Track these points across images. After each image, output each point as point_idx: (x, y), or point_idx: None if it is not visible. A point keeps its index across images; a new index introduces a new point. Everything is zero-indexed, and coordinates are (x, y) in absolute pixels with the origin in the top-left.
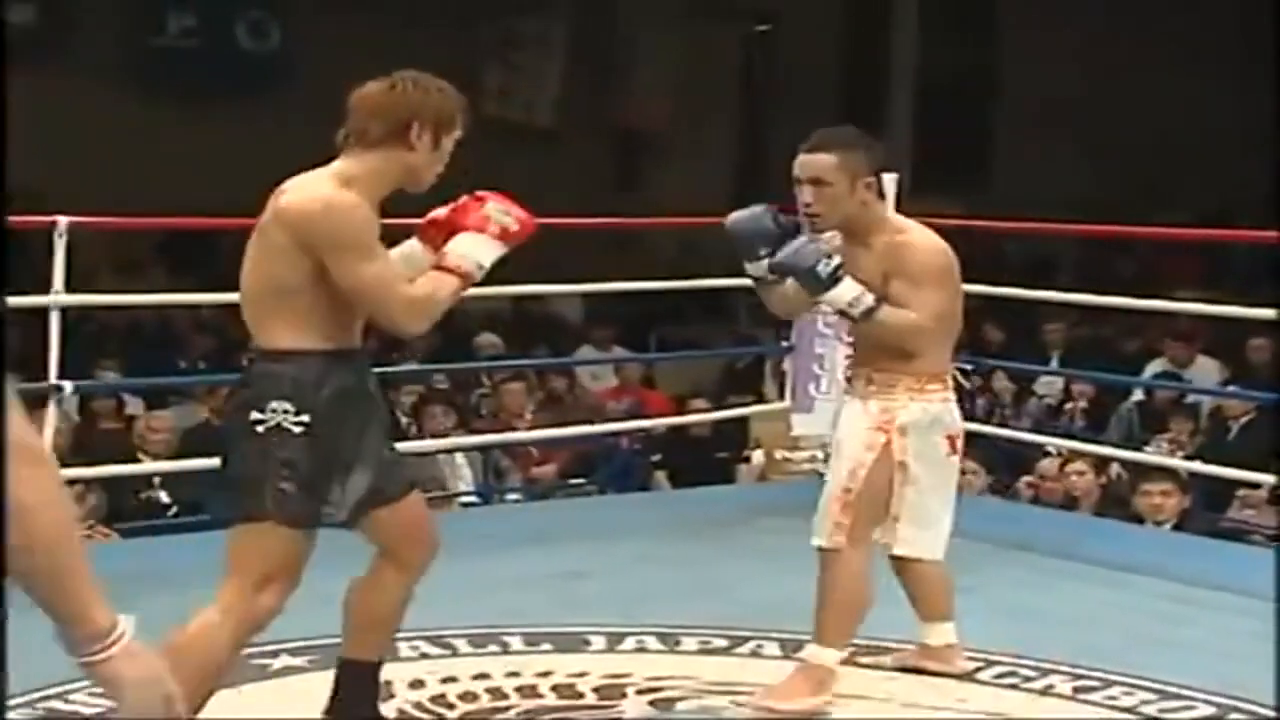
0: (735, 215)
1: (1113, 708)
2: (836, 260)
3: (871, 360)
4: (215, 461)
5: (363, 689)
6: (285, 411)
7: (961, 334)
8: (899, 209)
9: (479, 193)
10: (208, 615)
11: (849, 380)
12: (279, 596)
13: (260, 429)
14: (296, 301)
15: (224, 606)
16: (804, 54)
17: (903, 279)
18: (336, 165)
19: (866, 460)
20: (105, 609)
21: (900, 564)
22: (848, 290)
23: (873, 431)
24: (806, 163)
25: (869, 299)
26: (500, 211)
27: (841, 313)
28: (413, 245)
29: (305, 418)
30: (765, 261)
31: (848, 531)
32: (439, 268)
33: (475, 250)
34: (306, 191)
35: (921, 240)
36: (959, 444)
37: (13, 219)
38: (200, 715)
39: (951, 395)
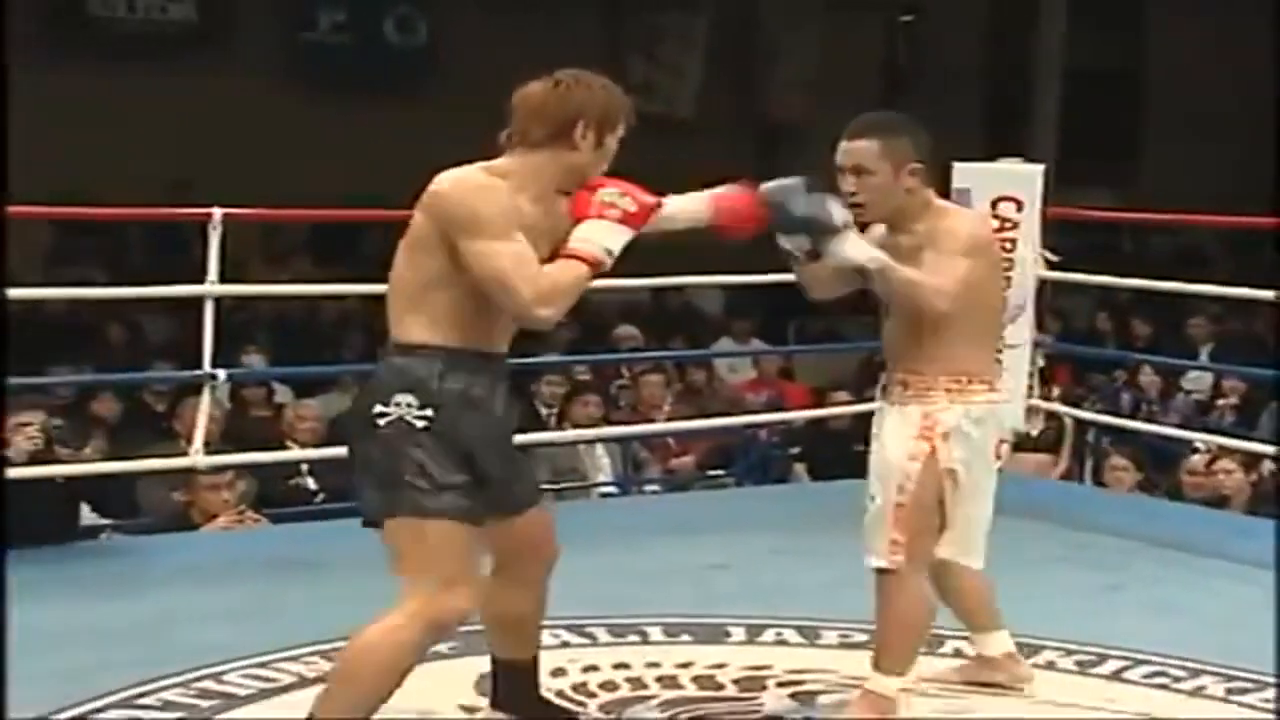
0: (767, 185)
1: (1267, 710)
2: (850, 214)
3: (904, 362)
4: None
5: (525, 684)
6: (410, 405)
7: (1109, 328)
8: (1046, 201)
9: (593, 179)
10: (395, 617)
11: (883, 388)
12: (466, 598)
13: (383, 422)
14: (436, 296)
15: (410, 609)
16: (948, 45)
17: (931, 250)
18: (496, 161)
19: (913, 471)
20: None
21: (942, 574)
22: (860, 245)
23: (916, 440)
24: (848, 150)
25: (884, 256)
26: (616, 195)
27: (858, 272)
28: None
29: (429, 411)
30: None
31: (906, 549)
32: (565, 255)
33: (600, 235)
34: (450, 179)
35: (957, 221)
36: (1005, 450)
37: (170, 210)
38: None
39: (998, 396)
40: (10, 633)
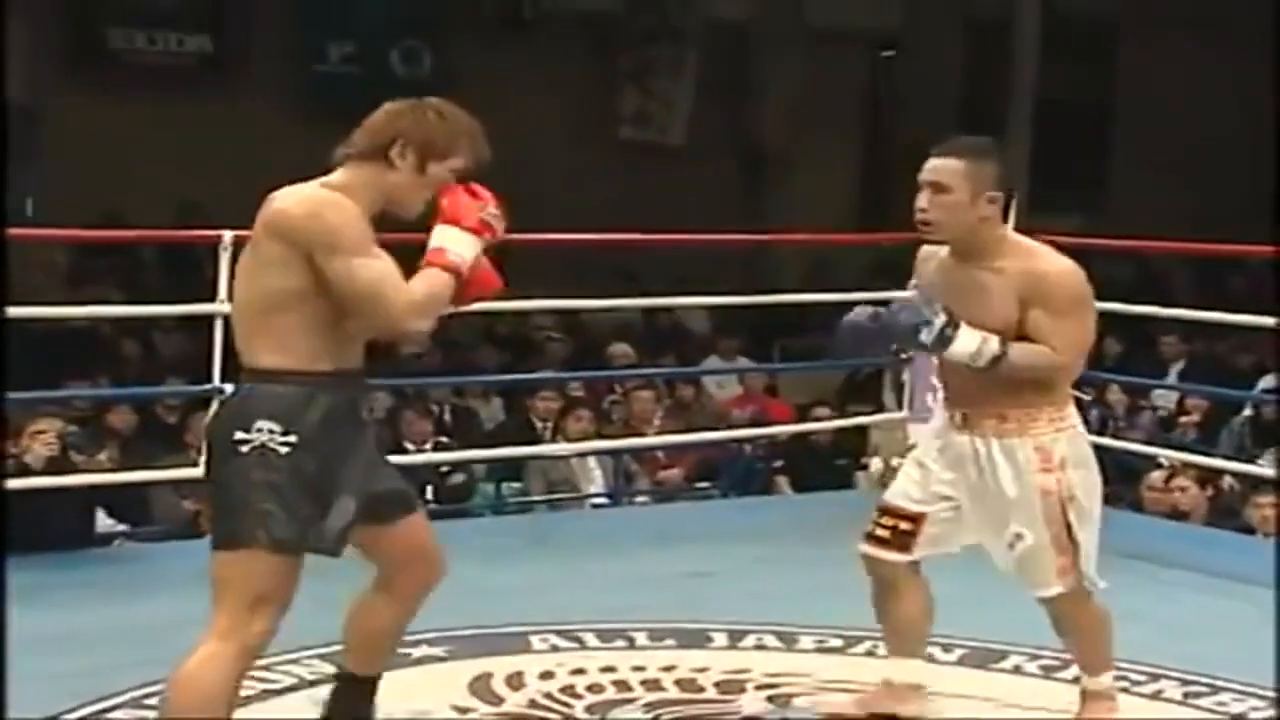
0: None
1: (1222, 713)
2: (940, 320)
3: (997, 396)
4: None
5: (359, 702)
6: (271, 431)
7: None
8: (1016, 226)
9: (472, 186)
10: (210, 646)
11: (963, 418)
12: (272, 620)
13: (244, 449)
14: (288, 319)
15: (221, 634)
16: (926, 78)
17: (1043, 309)
18: (330, 177)
19: (1052, 506)
20: None
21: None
22: (966, 344)
23: (1043, 475)
24: (933, 166)
25: (992, 347)
26: (495, 217)
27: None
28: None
29: (292, 438)
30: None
31: (1072, 570)
32: (432, 264)
33: (463, 246)
34: (294, 197)
35: (1060, 267)
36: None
37: (182, 232)
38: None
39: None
40: (24, 634)
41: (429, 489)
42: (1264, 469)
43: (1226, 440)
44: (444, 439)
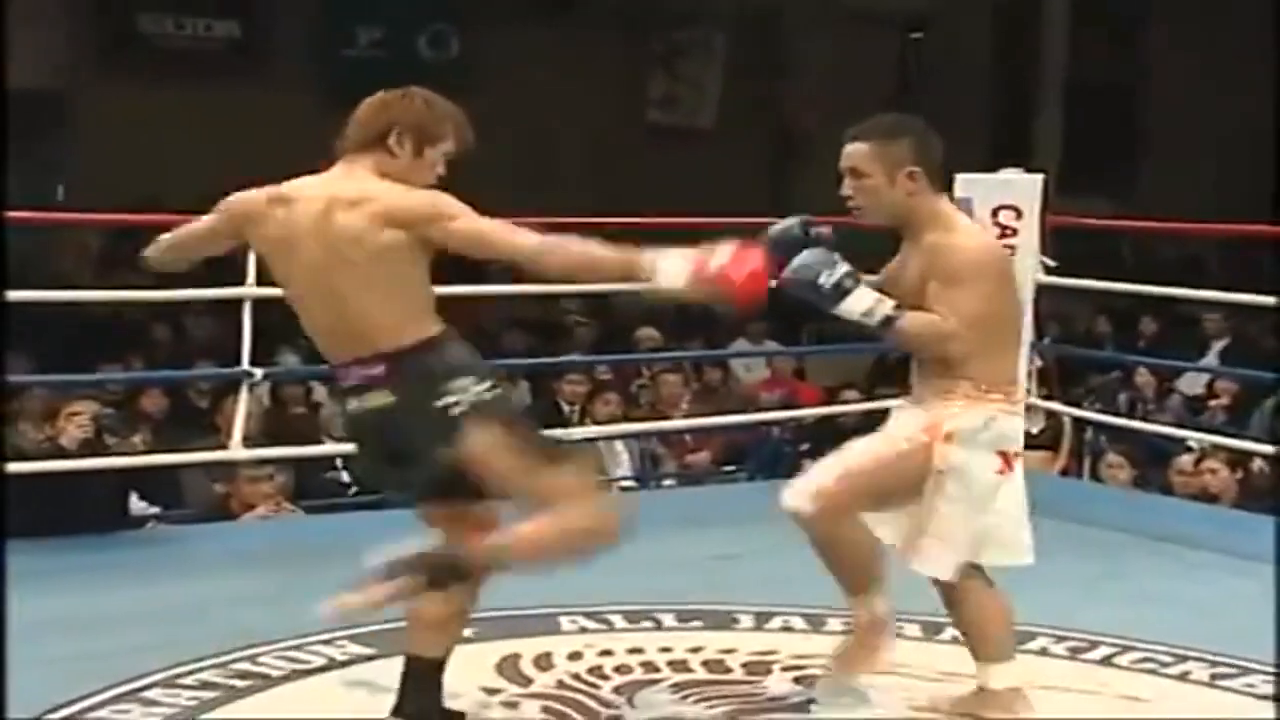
0: (772, 228)
1: (1250, 694)
2: (842, 269)
3: (930, 370)
4: None
5: (431, 686)
6: (474, 388)
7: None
8: (1046, 208)
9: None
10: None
11: (912, 389)
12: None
13: (456, 411)
14: (414, 295)
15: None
16: (956, 59)
17: (936, 279)
18: (335, 169)
19: (895, 451)
20: None
21: (947, 591)
22: (859, 301)
23: (918, 431)
24: (845, 152)
25: (885, 308)
26: (734, 272)
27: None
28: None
29: (491, 384)
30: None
31: (830, 501)
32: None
33: (672, 270)
34: (391, 191)
35: (961, 239)
36: (1016, 463)
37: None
38: None
39: (1015, 408)
40: (59, 615)
41: None
42: None
43: (1258, 423)
44: None
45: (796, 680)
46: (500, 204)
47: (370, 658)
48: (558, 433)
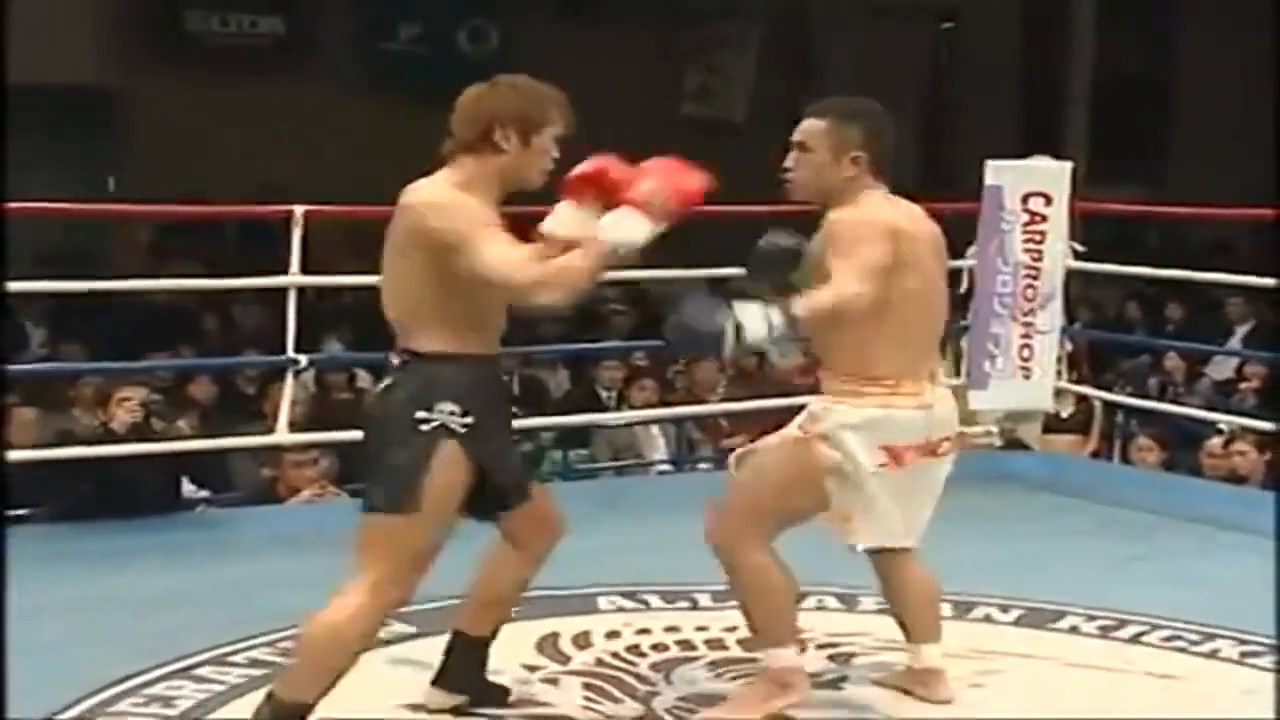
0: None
1: (1277, 672)
2: (723, 317)
3: (823, 362)
4: None
5: (474, 663)
6: (452, 413)
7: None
8: (1075, 196)
9: (648, 163)
10: (355, 598)
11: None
12: (412, 589)
13: (425, 428)
14: (448, 307)
15: (370, 589)
16: (986, 49)
17: (832, 254)
18: (445, 172)
19: (779, 467)
20: None
21: (880, 565)
22: (755, 330)
23: (795, 430)
24: (800, 127)
25: (777, 318)
26: (659, 192)
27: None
28: (560, 208)
29: (470, 419)
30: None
31: (740, 527)
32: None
33: (624, 229)
34: (420, 196)
35: (846, 214)
36: (908, 456)
37: (254, 209)
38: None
39: (899, 401)
40: (115, 595)
41: None
42: None
43: None
44: (513, 408)
45: (830, 658)
46: (538, 195)
47: (414, 635)
48: (597, 418)
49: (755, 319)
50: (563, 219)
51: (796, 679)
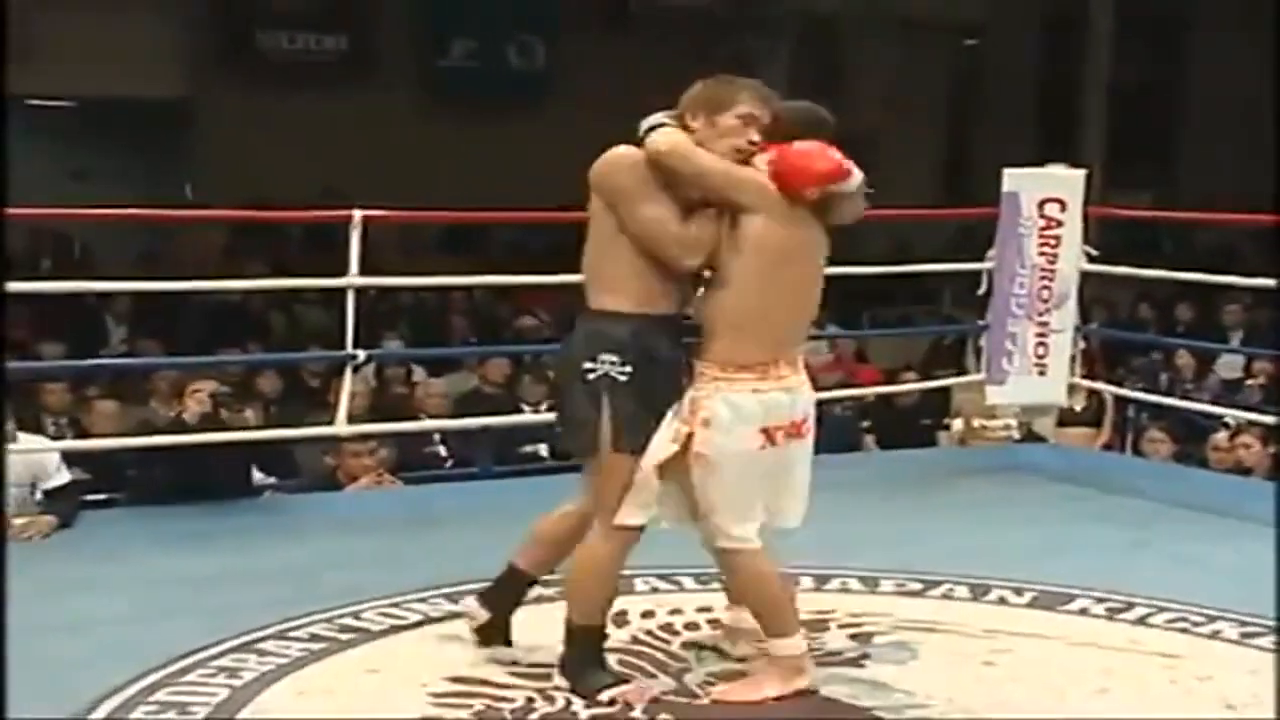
0: None
1: (1277, 652)
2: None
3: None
4: (482, 421)
5: (515, 593)
6: (612, 363)
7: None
8: (1089, 202)
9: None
10: (590, 541)
11: None
12: (639, 515)
13: (590, 377)
14: (617, 268)
15: (599, 529)
16: (1007, 65)
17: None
18: None
19: (666, 452)
20: None
21: (724, 560)
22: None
23: (679, 425)
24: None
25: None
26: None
27: None
28: None
29: (628, 368)
30: None
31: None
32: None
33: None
34: (606, 155)
35: None
36: (779, 435)
37: (317, 213)
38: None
39: (772, 384)
40: (187, 574)
41: (543, 447)
42: None
43: None
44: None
45: (852, 637)
46: (581, 202)
47: (461, 614)
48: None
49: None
50: None
51: (805, 664)
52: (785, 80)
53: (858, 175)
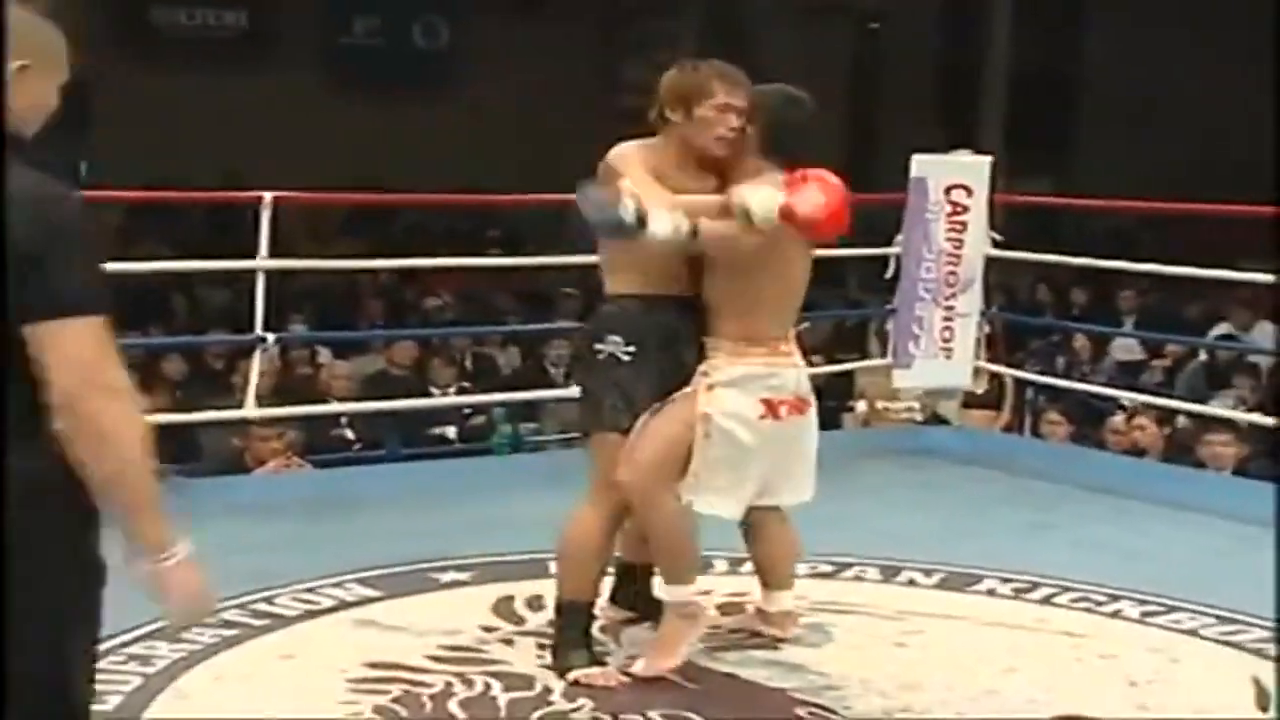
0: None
1: (1177, 630)
2: (633, 202)
3: (710, 325)
4: (391, 404)
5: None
6: (617, 343)
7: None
8: (994, 189)
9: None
10: (579, 511)
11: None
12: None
13: (600, 357)
14: (625, 252)
15: (591, 501)
16: (908, 49)
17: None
18: (647, 140)
19: (683, 420)
20: (167, 529)
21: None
22: (660, 225)
23: (690, 390)
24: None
25: (685, 223)
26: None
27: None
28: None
29: (632, 348)
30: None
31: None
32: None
33: (763, 199)
34: (614, 153)
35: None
36: (782, 409)
37: (226, 194)
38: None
39: (779, 360)
40: None
41: (451, 430)
42: (1215, 409)
43: (1182, 383)
44: (466, 384)
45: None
46: (491, 184)
47: (376, 599)
48: (544, 394)
49: (662, 220)
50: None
51: (697, 610)
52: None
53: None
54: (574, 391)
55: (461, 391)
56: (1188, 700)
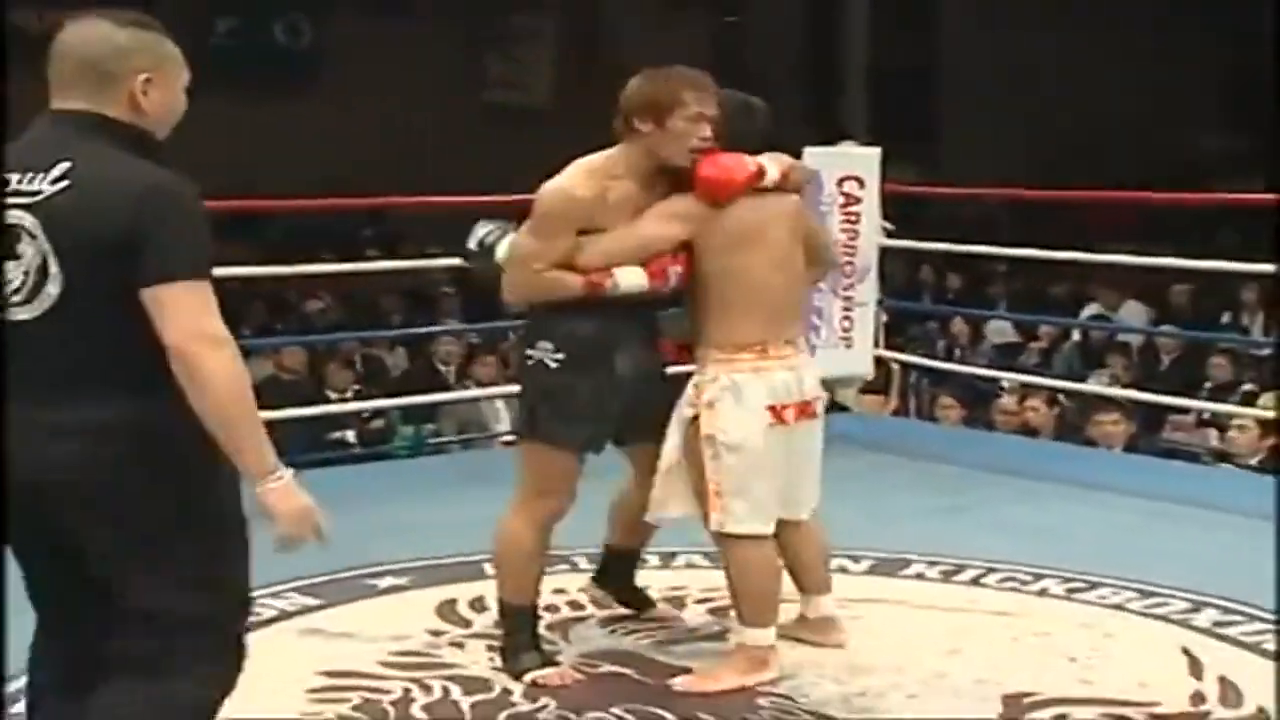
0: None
1: (1103, 605)
2: (483, 230)
3: (696, 337)
4: (284, 413)
5: (628, 566)
6: (546, 350)
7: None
8: (884, 180)
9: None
10: (506, 519)
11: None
12: (559, 501)
13: (530, 363)
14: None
15: (518, 510)
16: (769, 43)
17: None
18: (606, 152)
19: (682, 437)
20: (271, 457)
21: (723, 544)
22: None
23: (687, 408)
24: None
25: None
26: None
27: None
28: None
29: (561, 355)
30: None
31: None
32: (585, 274)
33: (628, 278)
34: (550, 185)
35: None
36: (789, 414)
37: None
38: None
39: (769, 363)
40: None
41: (350, 433)
42: (1094, 387)
43: (1059, 363)
44: (358, 387)
45: (710, 611)
46: (355, 185)
47: (317, 607)
48: (444, 397)
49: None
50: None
51: (769, 656)
52: (551, 59)
53: (772, 170)
54: (473, 393)
55: (358, 395)
56: (1127, 673)
